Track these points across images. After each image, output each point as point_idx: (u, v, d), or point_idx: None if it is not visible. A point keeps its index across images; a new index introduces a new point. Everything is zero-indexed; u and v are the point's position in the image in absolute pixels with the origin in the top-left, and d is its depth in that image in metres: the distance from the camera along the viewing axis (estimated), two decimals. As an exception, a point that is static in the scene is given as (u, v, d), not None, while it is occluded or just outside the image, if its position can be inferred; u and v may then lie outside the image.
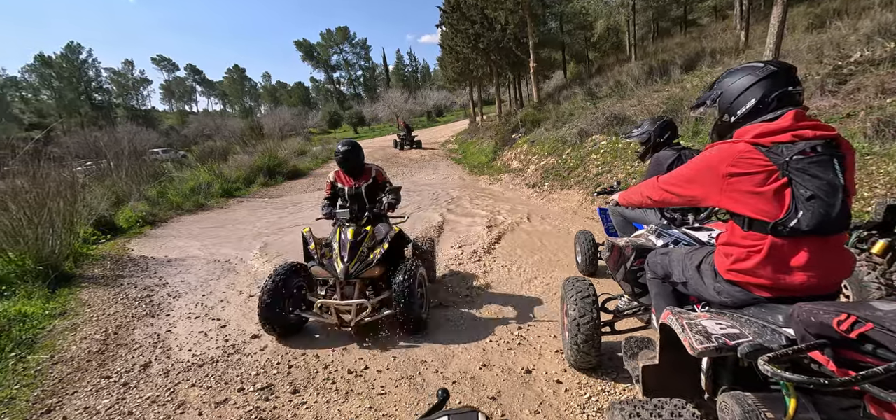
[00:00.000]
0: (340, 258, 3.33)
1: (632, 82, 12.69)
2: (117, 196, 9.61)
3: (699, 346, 1.38)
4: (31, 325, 3.89)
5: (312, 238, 3.59)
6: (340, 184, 3.93)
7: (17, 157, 6.53)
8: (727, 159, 1.45)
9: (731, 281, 1.58)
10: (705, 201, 1.58)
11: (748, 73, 1.55)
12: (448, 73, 26.13)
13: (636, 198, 1.97)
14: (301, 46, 69.36)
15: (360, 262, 3.32)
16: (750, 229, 1.48)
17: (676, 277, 1.90)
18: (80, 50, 56.80)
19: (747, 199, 1.44)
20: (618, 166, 7.95)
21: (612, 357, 2.84)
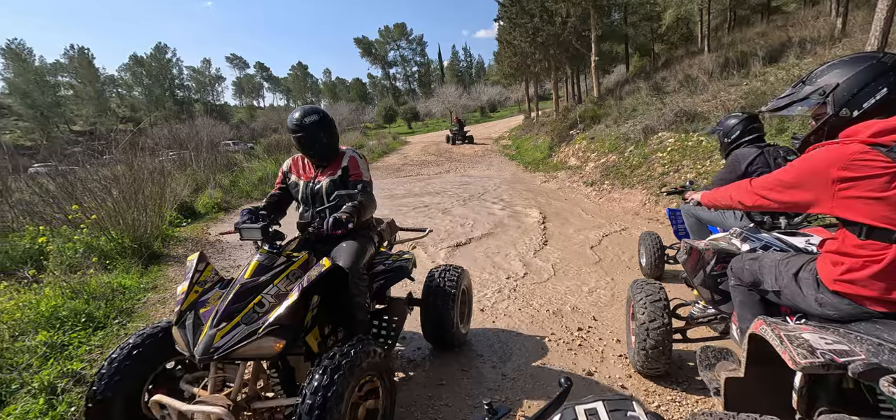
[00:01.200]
0: (201, 318, 1.88)
1: (704, 76, 11.82)
2: (197, 183, 10.52)
3: (803, 360, 1.25)
4: (129, 296, 4.36)
5: (193, 273, 2.05)
6: (295, 175, 2.60)
7: (119, 147, 7.31)
8: (838, 162, 1.32)
9: (838, 292, 1.43)
10: (812, 208, 1.44)
11: (865, 62, 1.39)
12: (504, 69, 25.83)
13: (723, 200, 1.83)
14: (360, 43, 71.77)
15: (242, 326, 1.80)
16: (868, 238, 1.33)
17: (768, 285, 1.74)
18: (166, 50, 62.61)
19: (865, 205, 1.30)
20: (687, 166, 7.45)
21: (682, 366, 2.69)
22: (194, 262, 2.11)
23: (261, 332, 1.78)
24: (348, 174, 2.51)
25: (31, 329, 3.30)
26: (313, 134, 2.43)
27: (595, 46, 15.99)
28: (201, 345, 1.74)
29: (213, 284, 2.10)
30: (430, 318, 2.85)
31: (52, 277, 4.20)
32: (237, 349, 1.75)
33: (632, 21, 20.84)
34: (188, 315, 1.89)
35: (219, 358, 1.75)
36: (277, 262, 2.11)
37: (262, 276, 2.02)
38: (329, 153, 2.54)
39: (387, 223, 3.03)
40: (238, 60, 79.91)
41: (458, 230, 6.45)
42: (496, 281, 4.40)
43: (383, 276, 2.66)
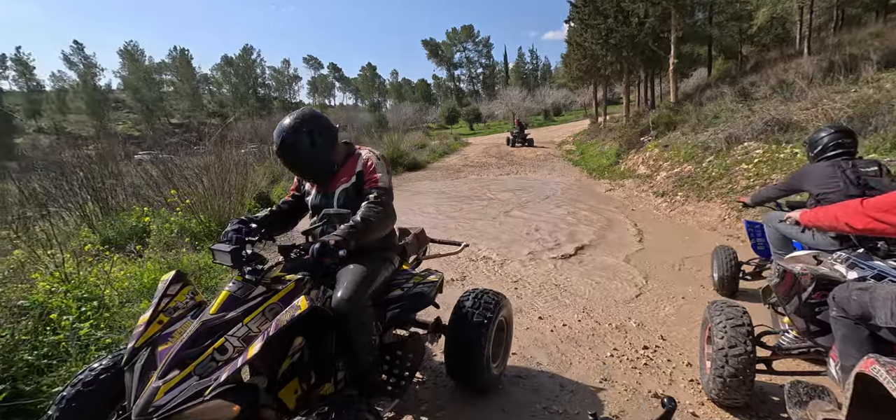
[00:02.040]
0: (156, 359, 1.52)
1: (802, 81, 10.61)
2: (273, 175, 11.35)
3: None
4: (212, 275, 4.81)
5: (159, 298, 1.69)
6: (309, 184, 2.23)
7: (210, 140, 8.10)
8: None
9: None
10: None
11: None
12: (572, 71, 25.08)
13: (828, 221, 1.70)
14: (427, 45, 73.27)
15: (194, 379, 1.41)
16: None
17: (881, 320, 1.55)
18: (251, 51, 68.30)
19: None
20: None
21: (765, 399, 2.44)
22: (165, 283, 1.71)
23: (208, 393, 1.35)
24: (363, 180, 2.06)
25: (135, 297, 3.75)
26: (299, 153, 1.96)
27: (674, 48, 14.97)
28: (141, 400, 1.34)
29: (185, 312, 1.69)
30: (456, 352, 2.38)
31: (153, 253, 4.75)
32: (181, 411, 1.33)
33: (718, 21, 19.20)
34: (142, 354, 1.50)
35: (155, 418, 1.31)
36: (253, 294, 1.66)
37: (231, 311, 1.58)
38: (328, 168, 2.07)
39: (414, 234, 2.66)
40: (313, 61, 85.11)
41: (513, 237, 6.37)
42: (549, 284, 4.28)
43: (400, 303, 2.20)
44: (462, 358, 2.37)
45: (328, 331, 1.81)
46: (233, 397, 1.41)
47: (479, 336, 2.30)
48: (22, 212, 5.48)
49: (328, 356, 1.84)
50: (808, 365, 2.63)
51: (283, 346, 1.64)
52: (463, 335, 2.33)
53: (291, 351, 1.68)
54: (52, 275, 3.31)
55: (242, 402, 1.43)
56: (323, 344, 1.81)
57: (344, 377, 1.93)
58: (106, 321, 3.14)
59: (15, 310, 2.63)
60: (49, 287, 3.14)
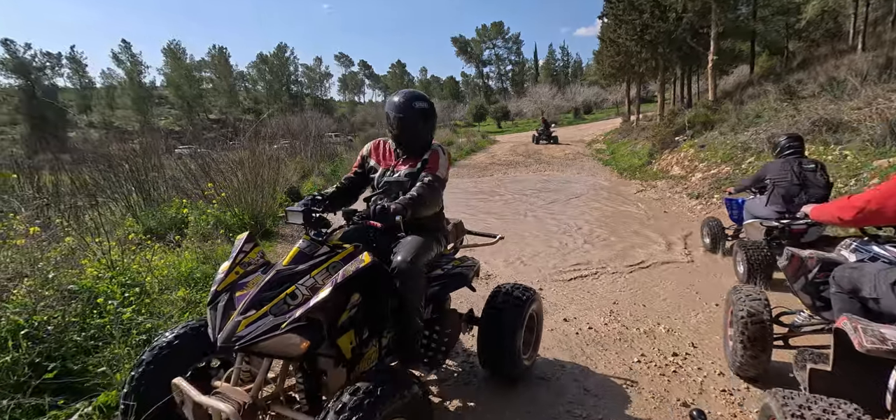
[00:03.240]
0: (234, 302, 1.72)
1: (855, 79, 9.96)
2: (304, 170, 11.65)
3: (870, 344, 1.42)
4: (245, 266, 5.00)
5: (237, 252, 1.94)
6: (375, 160, 2.45)
7: (246, 136, 8.40)
8: None
9: None
10: None
11: None
12: (604, 68, 24.45)
13: (827, 217, 2.12)
14: (456, 42, 73.14)
15: (269, 317, 1.61)
16: None
17: (866, 293, 1.84)
18: (286, 49, 70.14)
19: None
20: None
21: (783, 376, 2.39)
22: (241, 241, 1.98)
23: (284, 327, 1.56)
24: (426, 166, 2.29)
25: (173, 285, 3.94)
26: (415, 122, 2.26)
27: (714, 44, 14.36)
28: (225, 331, 1.58)
29: (256, 267, 1.93)
30: (489, 341, 2.50)
31: (190, 243, 4.96)
32: (259, 342, 1.55)
33: (762, 15, 18.24)
34: (222, 297, 1.73)
35: (239, 348, 1.56)
36: (319, 252, 1.89)
37: (301, 264, 1.81)
38: (420, 147, 2.33)
39: (453, 225, 2.83)
40: (344, 58, 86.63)
41: (537, 233, 6.28)
42: (575, 285, 4.20)
43: (441, 281, 2.38)
44: (494, 347, 2.49)
45: (381, 294, 1.99)
46: (303, 333, 1.59)
47: (512, 327, 2.43)
48: (73, 201, 5.85)
49: (379, 316, 2.02)
50: (824, 340, 2.52)
51: (342, 300, 1.82)
52: (496, 325, 2.46)
53: (349, 305, 1.86)
54: (99, 261, 3.52)
55: (311, 338, 1.61)
56: (376, 305, 1.98)
57: (388, 343, 2.10)
58: (147, 307, 3.31)
59: (66, 293, 2.81)
60: (96, 273, 3.33)
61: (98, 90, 62.39)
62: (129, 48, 60.27)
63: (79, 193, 6.15)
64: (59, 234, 3.88)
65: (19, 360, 2.22)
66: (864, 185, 5.72)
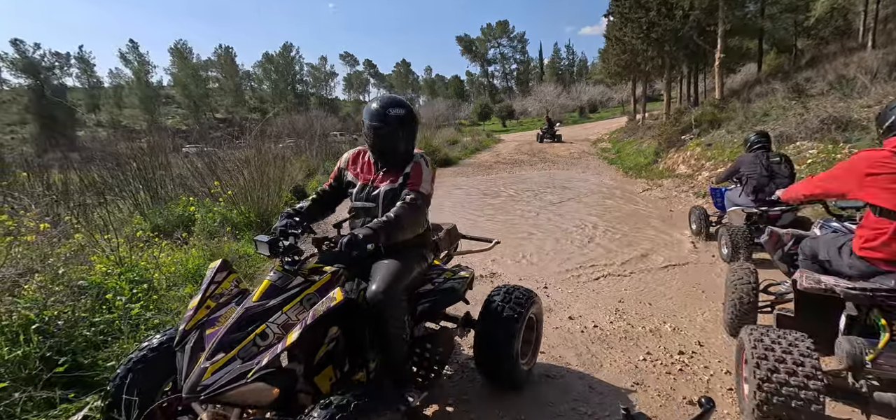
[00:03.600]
0: (204, 342, 1.61)
1: (865, 77, 9.84)
2: (309, 169, 11.70)
3: (808, 284, 2.06)
4: (251, 263, 5.03)
5: (208, 284, 1.82)
6: (353, 174, 2.26)
7: (251, 135, 8.45)
8: (868, 161, 2.00)
9: (860, 256, 2.06)
10: (846, 196, 2.13)
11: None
12: (610, 67, 24.33)
13: (794, 195, 2.59)
14: (461, 41, 73.00)
15: (237, 362, 1.50)
16: (879, 216, 1.95)
17: (822, 257, 2.30)
18: (291, 48, 70.40)
19: (880, 193, 1.92)
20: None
21: None
22: (213, 270, 1.82)
23: (251, 376, 1.45)
24: (407, 181, 2.10)
25: (180, 281, 3.98)
26: (392, 132, 2.08)
27: (721, 42, 14.23)
28: (190, 380, 1.45)
29: (230, 298, 1.79)
30: (485, 347, 2.38)
31: (197, 241, 5.01)
32: (226, 391, 1.43)
33: (770, 13, 18.04)
34: (191, 336, 1.61)
35: (206, 399, 1.42)
36: (292, 284, 1.75)
37: (272, 299, 1.67)
38: (401, 159, 2.15)
39: (446, 230, 2.72)
40: (349, 58, 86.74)
41: (541, 232, 6.27)
42: (580, 284, 4.19)
43: (431, 297, 2.25)
44: (491, 353, 2.37)
45: (362, 322, 1.87)
46: (272, 380, 1.50)
47: (509, 331, 2.30)
48: (82, 199, 5.91)
49: (361, 346, 1.90)
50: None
51: (319, 335, 1.71)
52: (493, 330, 2.34)
53: (327, 339, 1.76)
54: (108, 258, 3.56)
55: (281, 385, 1.53)
56: (356, 334, 1.87)
57: (376, 367, 1.99)
58: (154, 303, 3.35)
59: (75, 289, 2.85)
60: (105, 269, 3.37)
61: (106, 90, 62.91)
62: (136, 48, 60.75)
63: (87, 191, 6.21)
64: (68, 230, 3.93)
65: (31, 354, 2.26)
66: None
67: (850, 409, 2.07)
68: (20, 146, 35.30)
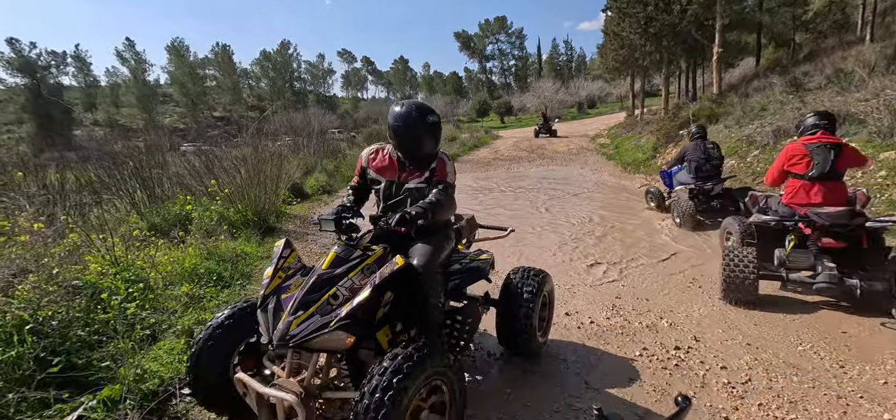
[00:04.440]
0: (282, 304, 1.95)
1: (863, 70, 9.83)
2: (306, 167, 11.66)
3: (756, 220, 3.85)
4: (248, 262, 5.01)
5: (278, 259, 2.12)
6: (375, 171, 2.47)
7: (248, 133, 8.41)
8: (790, 149, 3.67)
9: (785, 204, 3.70)
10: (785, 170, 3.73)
11: (808, 116, 3.83)
12: (608, 62, 24.30)
13: (768, 177, 3.98)
14: (459, 37, 72.71)
15: (316, 317, 1.83)
16: (793, 179, 3.63)
17: (772, 207, 3.93)
18: (289, 46, 70.13)
19: (795, 167, 3.60)
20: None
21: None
22: (280, 247, 2.15)
23: (332, 325, 1.79)
24: (436, 176, 2.37)
25: (177, 281, 3.97)
26: (421, 136, 2.31)
27: (719, 37, 14.17)
28: (278, 331, 1.80)
29: (295, 271, 2.13)
30: (507, 321, 2.66)
31: (194, 240, 4.99)
32: (310, 339, 1.78)
33: (768, 7, 17.99)
34: (271, 299, 1.97)
35: (293, 345, 1.79)
36: (353, 256, 2.08)
37: (338, 268, 2.01)
38: (427, 158, 2.39)
39: (466, 220, 2.97)
40: (347, 55, 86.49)
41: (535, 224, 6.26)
42: (578, 280, 4.19)
43: (458, 275, 2.57)
44: (513, 327, 2.64)
45: (408, 291, 2.16)
46: (348, 330, 1.82)
47: (528, 307, 2.61)
48: (79, 198, 5.89)
49: (410, 311, 2.22)
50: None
51: (378, 298, 2.03)
52: (514, 306, 2.62)
53: (383, 302, 2.07)
54: (103, 257, 3.55)
55: (355, 334, 1.85)
56: (404, 301, 2.17)
57: (415, 335, 2.25)
58: (151, 302, 3.34)
59: (70, 289, 2.84)
60: (100, 269, 3.36)
61: (103, 88, 62.62)
62: (133, 46, 60.44)
63: (84, 191, 6.19)
64: (63, 230, 3.91)
65: (24, 355, 2.25)
66: (871, 177, 5.66)
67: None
68: (17, 146, 35.18)
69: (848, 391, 2.46)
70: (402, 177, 2.39)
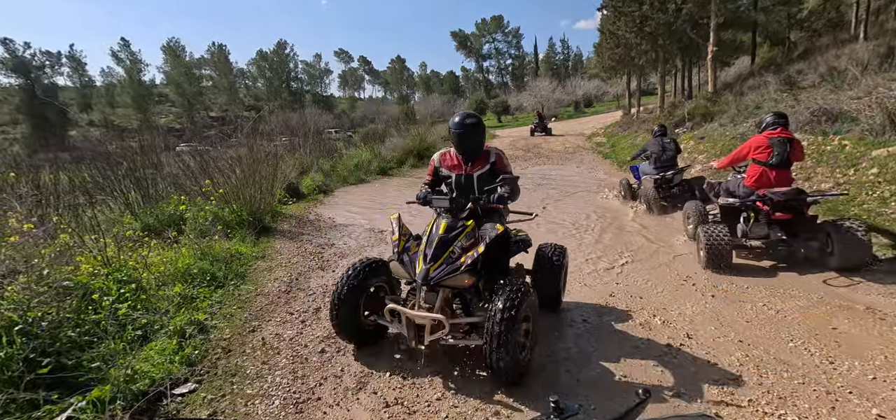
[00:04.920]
0: (424, 256, 2.69)
1: (856, 68, 9.89)
2: (302, 167, 11.62)
3: (723, 202, 4.73)
4: (243, 262, 5.00)
5: (398, 227, 2.94)
6: (446, 169, 3.22)
7: (243, 132, 8.38)
8: (755, 141, 4.43)
9: (747, 186, 4.45)
10: (745, 159, 4.55)
11: (767, 116, 4.63)
12: (604, 61, 24.40)
13: (722, 164, 4.94)
14: (456, 36, 72.70)
15: (445, 265, 2.62)
16: (755, 164, 4.39)
17: (732, 189, 4.78)
18: (285, 46, 69.91)
19: (757, 154, 4.36)
20: (822, 173, 6.34)
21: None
22: (397, 220, 2.99)
23: (461, 270, 2.60)
24: (497, 168, 3.14)
25: (170, 281, 3.96)
26: (470, 133, 3.10)
27: (714, 35, 14.27)
28: (422, 274, 2.61)
29: (409, 236, 2.94)
30: (543, 283, 3.40)
31: (188, 240, 4.97)
32: (444, 279, 2.60)
33: (763, 6, 18.09)
34: (404, 256, 2.78)
35: (433, 284, 2.60)
36: (457, 227, 2.81)
37: (451, 233, 2.76)
38: (477, 151, 3.17)
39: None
40: (344, 55, 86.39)
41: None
42: (572, 278, 4.20)
43: (515, 244, 3.20)
44: (548, 286, 3.39)
45: (494, 252, 2.83)
46: (470, 273, 2.64)
47: (560, 273, 3.44)
48: (71, 199, 5.86)
49: (496, 266, 2.91)
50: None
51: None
52: (550, 272, 3.41)
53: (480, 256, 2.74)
54: (95, 258, 3.53)
55: (474, 276, 2.68)
56: (495, 256, 2.88)
57: (502, 282, 2.74)
58: (142, 303, 3.33)
59: (60, 290, 2.83)
60: (92, 269, 3.35)
61: (98, 89, 62.27)
62: (128, 46, 60.12)
63: (77, 191, 6.16)
64: (54, 231, 3.89)
65: (13, 356, 2.24)
66: (863, 175, 5.69)
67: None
68: (10, 147, 34.91)
69: (837, 387, 2.47)
70: (468, 169, 3.16)
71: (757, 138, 4.42)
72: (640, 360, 2.85)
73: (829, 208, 5.26)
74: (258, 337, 3.33)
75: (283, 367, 2.92)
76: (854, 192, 5.42)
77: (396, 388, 2.66)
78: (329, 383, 2.74)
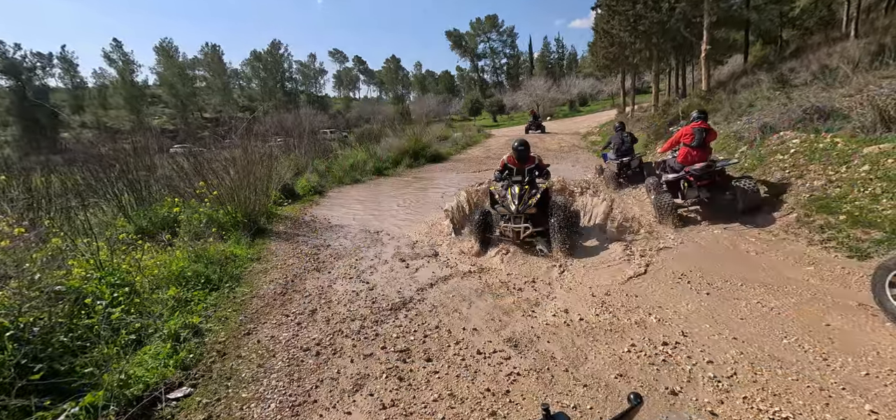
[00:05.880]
0: (513, 200, 5.27)
1: (847, 66, 9.97)
2: (297, 168, 11.56)
3: (665, 178, 6.47)
4: (238, 264, 4.97)
5: (497, 189, 5.61)
6: (511, 164, 5.87)
7: (237, 133, 8.33)
8: (686, 130, 6.26)
9: (679, 162, 6.25)
10: (679, 143, 6.36)
11: (694, 112, 6.55)
12: (598, 60, 24.40)
13: (664, 148, 6.90)
14: (451, 36, 72.62)
15: (523, 203, 5.24)
16: (684, 146, 6.21)
17: (671, 165, 6.52)
18: (279, 46, 69.55)
19: (686, 138, 6.21)
20: (814, 171, 6.38)
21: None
22: (494, 186, 5.73)
23: (532, 202, 5.26)
24: (539, 165, 5.86)
25: (164, 284, 3.93)
26: (524, 151, 5.73)
27: (707, 34, 14.28)
28: (515, 210, 5.21)
29: (502, 194, 5.46)
30: (559, 222, 5.01)
31: (182, 242, 4.94)
32: (528, 208, 5.23)
33: (756, 4, 18.18)
34: (505, 198, 5.38)
35: (523, 210, 5.19)
36: (524, 188, 5.36)
37: (523, 191, 5.31)
38: (527, 157, 5.74)
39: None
40: (339, 55, 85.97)
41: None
42: (568, 276, 4.21)
43: (547, 193, 5.58)
44: (566, 227, 5.06)
45: (543, 199, 5.40)
46: (537, 204, 5.33)
47: (572, 215, 5.51)
48: (64, 202, 5.80)
49: (540, 204, 5.34)
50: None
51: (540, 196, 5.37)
52: (568, 216, 5.24)
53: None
54: (87, 262, 3.49)
55: (540, 206, 5.38)
56: (541, 203, 5.37)
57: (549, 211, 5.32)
58: (136, 306, 3.30)
59: (52, 294, 2.79)
60: (84, 273, 3.31)
61: (90, 90, 61.57)
62: (120, 47, 59.56)
63: (69, 194, 6.09)
64: (45, 234, 3.84)
65: (5, 362, 2.21)
66: (855, 172, 5.74)
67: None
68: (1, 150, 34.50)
69: (830, 383, 2.49)
70: (521, 166, 5.71)
71: (686, 128, 6.27)
72: (636, 358, 2.87)
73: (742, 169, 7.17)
74: (253, 339, 3.31)
75: (279, 370, 2.91)
76: (846, 189, 5.47)
77: (393, 391, 2.65)
78: (325, 386, 2.73)
